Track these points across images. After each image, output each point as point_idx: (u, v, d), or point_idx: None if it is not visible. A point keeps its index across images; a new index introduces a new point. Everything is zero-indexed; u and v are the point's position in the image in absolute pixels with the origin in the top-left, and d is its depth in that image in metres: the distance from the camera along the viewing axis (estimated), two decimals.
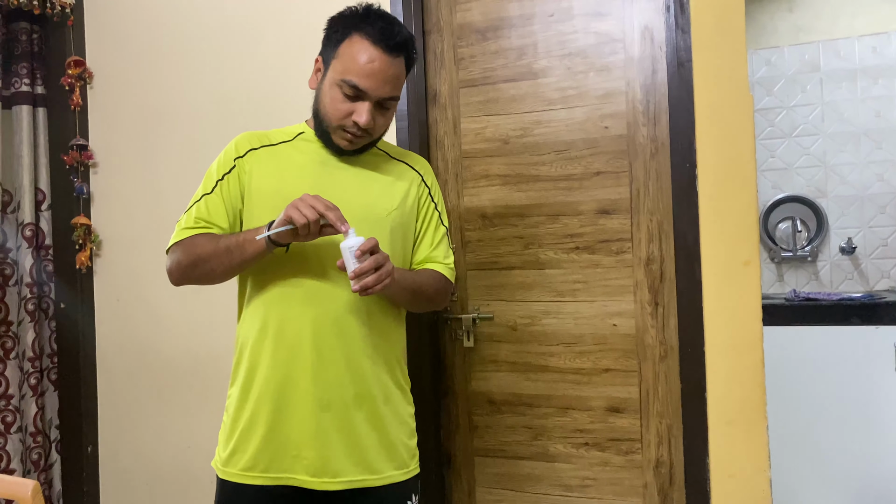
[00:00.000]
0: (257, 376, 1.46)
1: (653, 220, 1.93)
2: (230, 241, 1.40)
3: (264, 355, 1.45)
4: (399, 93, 1.47)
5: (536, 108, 2.04)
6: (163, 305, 2.42)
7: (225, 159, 1.52)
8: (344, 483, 1.44)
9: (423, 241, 1.60)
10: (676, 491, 1.92)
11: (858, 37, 3.25)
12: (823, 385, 2.83)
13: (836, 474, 2.84)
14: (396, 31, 1.42)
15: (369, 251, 1.32)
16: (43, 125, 2.51)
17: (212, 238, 1.43)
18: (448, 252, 1.63)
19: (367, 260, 1.31)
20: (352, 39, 1.42)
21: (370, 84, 1.40)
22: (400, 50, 1.43)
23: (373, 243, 1.33)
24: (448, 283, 1.61)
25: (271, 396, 1.44)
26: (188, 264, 1.44)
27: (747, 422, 1.77)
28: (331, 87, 1.44)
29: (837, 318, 2.83)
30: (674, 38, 1.84)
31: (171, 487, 2.40)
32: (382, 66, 1.40)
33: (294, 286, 1.44)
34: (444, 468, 2.15)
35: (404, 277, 1.48)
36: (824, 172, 3.29)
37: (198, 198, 1.50)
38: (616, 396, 1.97)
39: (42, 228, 2.50)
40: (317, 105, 1.49)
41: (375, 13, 1.45)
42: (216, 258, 1.41)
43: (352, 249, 1.31)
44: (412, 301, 1.55)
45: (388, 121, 1.50)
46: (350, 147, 1.48)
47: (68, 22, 2.48)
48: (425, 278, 1.55)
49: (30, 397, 2.43)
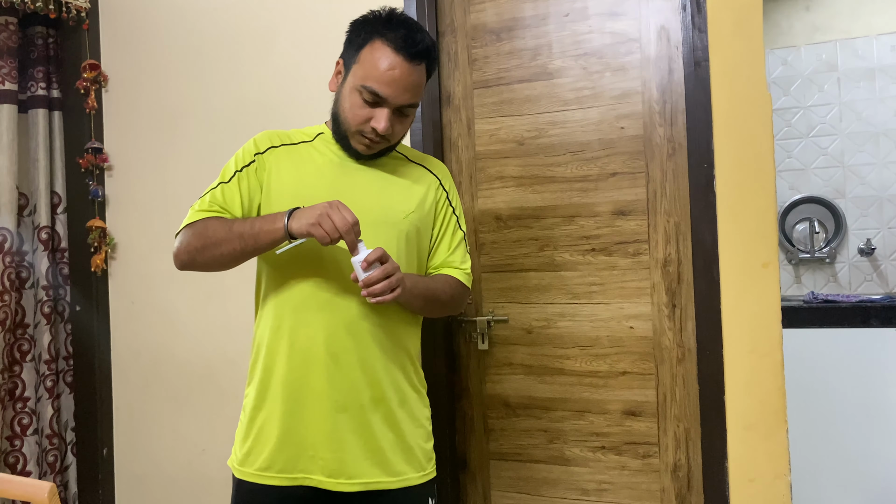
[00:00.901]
0: (273, 377, 1.46)
1: (670, 221, 1.92)
2: (244, 228, 1.38)
3: (279, 357, 1.45)
4: (419, 100, 1.46)
5: (551, 108, 2.03)
6: (177, 308, 2.42)
7: (245, 154, 1.51)
8: (360, 484, 1.43)
9: (441, 246, 1.59)
10: (695, 496, 1.89)
11: (876, 35, 3.21)
12: (843, 388, 2.80)
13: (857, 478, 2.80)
14: (419, 38, 1.40)
15: (377, 260, 1.32)
16: (58, 129, 2.52)
17: (225, 222, 1.41)
18: (465, 257, 1.62)
19: (375, 269, 1.32)
20: (373, 45, 1.41)
21: (390, 91, 1.39)
22: (422, 57, 1.41)
23: (379, 253, 1.32)
24: (464, 289, 1.60)
25: (287, 397, 1.44)
26: (198, 247, 1.41)
27: (767, 426, 1.75)
28: (351, 91, 1.43)
29: (856, 321, 2.80)
30: (690, 37, 1.83)
31: (186, 490, 2.40)
32: (403, 73, 1.39)
33: (308, 288, 1.44)
34: (459, 472, 2.14)
35: (417, 284, 1.46)
36: (842, 173, 3.26)
37: (214, 185, 1.49)
38: (633, 400, 1.95)
39: (58, 231, 2.51)
40: (336, 108, 1.48)
41: (398, 19, 1.43)
42: (228, 243, 1.38)
43: (360, 262, 1.32)
44: (426, 307, 1.53)
45: (407, 127, 1.49)
46: (367, 152, 1.47)
47: (83, 26, 2.49)
48: (440, 284, 1.54)
49: (46, 400, 2.44)
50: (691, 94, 1.83)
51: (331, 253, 1.43)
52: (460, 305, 1.64)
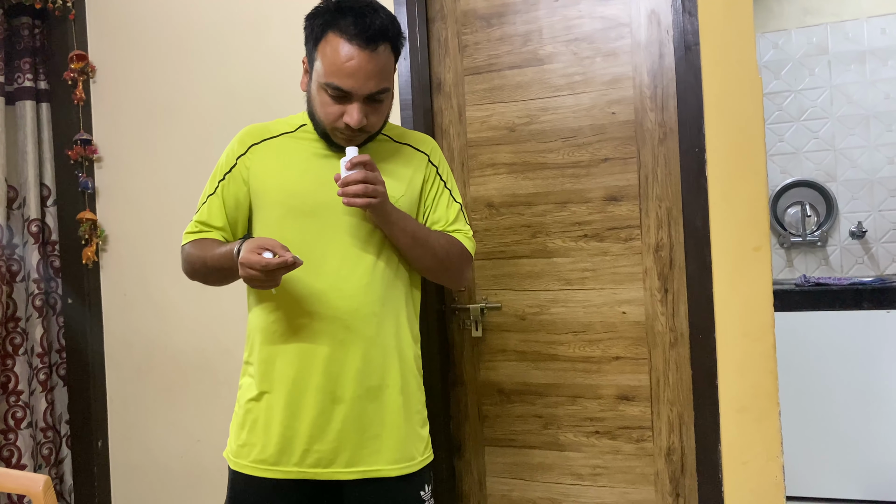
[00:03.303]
0: (269, 369, 1.45)
1: (661, 206, 1.92)
2: (214, 261, 1.44)
3: (274, 349, 1.44)
4: (389, 83, 1.40)
5: (542, 94, 2.02)
6: (170, 300, 2.41)
7: (227, 158, 1.53)
8: (356, 473, 1.43)
9: (437, 210, 1.54)
10: (688, 478, 1.91)
11: (867, 18, 3.21)
12: (835, 370, 2.82)
13: (849, 459, 2.82)
14: (370, 21, 1.33)
15: (361, 164, 1.34)
16: (47, 120, 2.50)
17: (204, 249, 1.47)
18: (465, 226, 1.57)
19: (358, 172, 1.34)
20: (328, 39, 1.35)
21: (353, 83, 1.34)
22: (378, 39, 1.34)
23: (365, 158, 1.35)
24: (465, 252, 1.54)
25: (282, 390, 1.43)
26: (188, 271, 1.55)
27: (759, 409, 1.76)
28: (318, 90, 1.39)
29: (848, 303, 2.82)
30: (681, 21, 1.82)
31: (181, 481, 2.40)
32: (362, 62, 1.33)
33: (305, 277, 1.42)
34: (454, 458, 2.15)
35: (408, 220, 1.44)
36: (833, 156, 3.26)
37: (204, 199, 1.53)
38: (626, 384, 1.96)
39: (48, 224, 2.50)
40: (309, 107, 1.46)
41: (346, 5, 1.36)
42: (207, 274, 1.50)
43: (346, 162, 1.35)
44: (415, 249, 1.46)
45: (384, 114, 1.45)
46: (350, 144, 1.42)
47: (70, 16, 2.46)
48: (436, 236, 1.50)
49: (39, 393, 2.44)
50: (682, 78, 1.83)
51: (331, 240, 1.42)
52: (460, 270, 1.56)
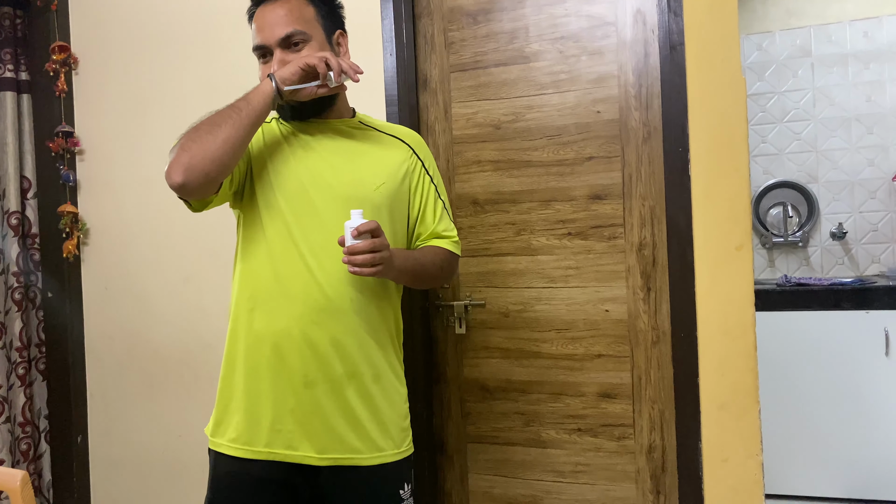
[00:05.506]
0: (240, 349, 1.45)
1: (645, 205, 1.93)
2: (233, 102, 1.37)
3: (250, 329, 1.44)
4: (301, 26, 1.43)
5: (528, 92, 2.03)
6: (152, 293, 2.39)
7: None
8: (328, 460, 1.42)
9: (425, 217, 1.57)
10: (669, 476, 1.92)
11: (850, 21, 3.25)
12: (814, 370, 2.85)
13: (828, 458, 2.86)
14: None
15: (368, 232, 1.32)
16: (28, 112, 2.47)
17: (212, 112, 1.36)
18: (450, 225, 1.61)
19: (364, 240, 1.32)
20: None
21: (263, 36, 1.45)
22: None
23: (372, 226, 1.32)
24: (453, 258, 1.60)
25: (254, 370, 1.43)
26: (194, 138, 1.31)
27: (739, 407, 1.77)
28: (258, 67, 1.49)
29: (828, 303, 2.84)
30: (666, 21, 1.83)
31: (162, 476, 2.39)
32: (265, 13, 1.46)
33: (284, 259, 1.42)
34: (436, 455, 2.15)
35: (406, 260, 1.47)
36: (815, 158, 3.30)
37: None
38: (608, 382, 1.97)
39: (28, 217, 2.47)
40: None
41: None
42: (222, 123, 1.32)
43: (352, 228, 1.32)
44: (415, 281, 1.54)
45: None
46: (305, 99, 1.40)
47: (52, 6, 2.43)
48: (430, 257, 1.54)
49: (18, 387, 2.41)
50: (667, 78, 1.84)
51: (309, 226, 1.42)
52: (451, 275, 1.64)
